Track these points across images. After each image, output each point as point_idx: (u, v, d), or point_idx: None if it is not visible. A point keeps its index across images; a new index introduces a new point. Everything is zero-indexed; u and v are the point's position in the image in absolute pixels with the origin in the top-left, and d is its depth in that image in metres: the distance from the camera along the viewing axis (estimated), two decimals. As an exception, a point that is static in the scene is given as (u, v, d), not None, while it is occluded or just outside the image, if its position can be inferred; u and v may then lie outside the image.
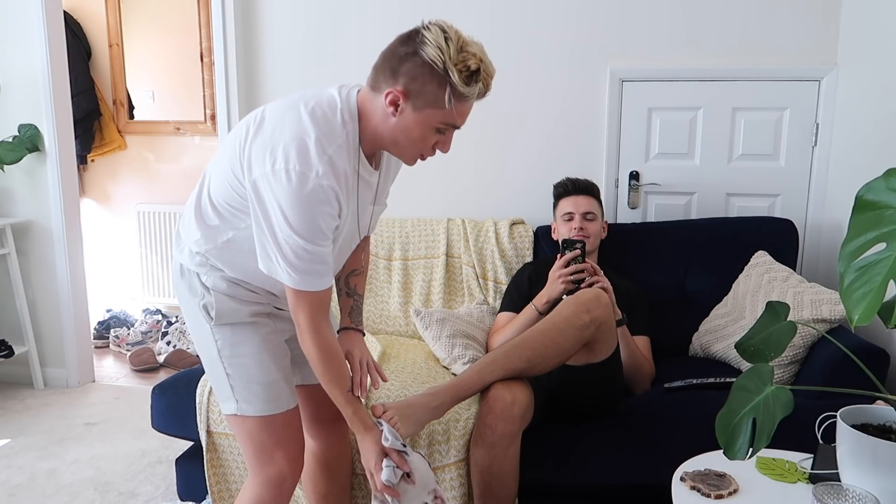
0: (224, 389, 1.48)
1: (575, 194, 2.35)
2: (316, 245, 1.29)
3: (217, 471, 1.98)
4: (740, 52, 2.67)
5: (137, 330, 3.88)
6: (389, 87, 1.30)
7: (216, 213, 1.41)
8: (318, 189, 1.26)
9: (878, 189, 1.05)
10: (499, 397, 1.66)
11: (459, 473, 1.78)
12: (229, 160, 1.36)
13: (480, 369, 1.71)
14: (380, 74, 1.32)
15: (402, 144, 1.36)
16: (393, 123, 1.33)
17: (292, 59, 3.00)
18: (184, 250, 1.47)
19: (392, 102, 1.30)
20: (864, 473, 1.13)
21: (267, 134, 1.30)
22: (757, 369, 1.20)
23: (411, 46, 1.28)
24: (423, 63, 1.27)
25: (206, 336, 1.47)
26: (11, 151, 3.04)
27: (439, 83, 1.28)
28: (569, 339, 1.71)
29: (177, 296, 1.52)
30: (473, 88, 1.30)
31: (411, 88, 1.29)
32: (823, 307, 1.98)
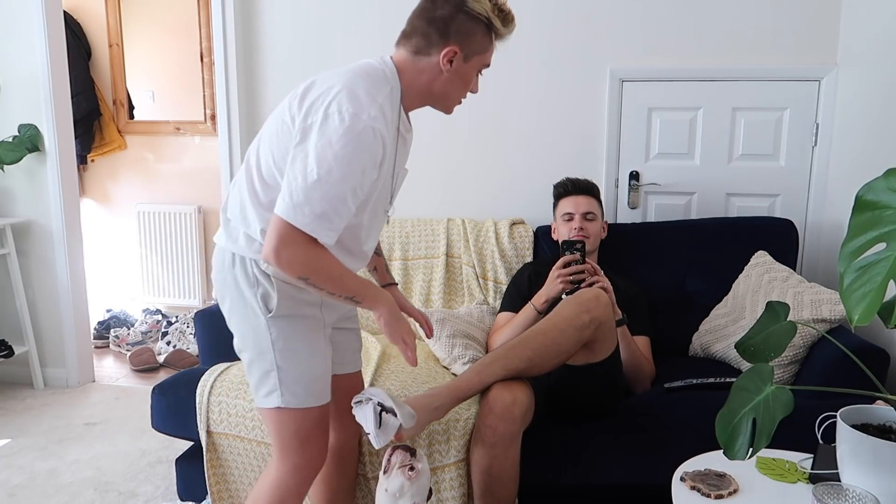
0: (270, 382, 1.47)
1: (575, 194, 2.35)
2: (339, 188, 1.30)
3: (217, 471, 1.98)
4: (740, 52, 2.67)
5: (137, 330, 3.88)
6: (443, 47, 1.43)
7: (272, 190, 1.41)
8: (368, 130, 1.32)
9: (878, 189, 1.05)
10: (499, 397, 1.66)
11: (459, 473, 1.78)
12: (277, 133, 1.39)
13: (480, 370, 1.70)
14: (427, 38, 1.44)
15: (451, 95, 1.50)
16: (445, 78, 1.46)
17: (292, 59, 3.00)
18: (238, 239, 1.45)
19: (449, 59, 1.44)
20: (864, 473, 1.13)
21: (317, 92, 1.36)
22: (757, 369, 1.20)
23: (450, 6, 1.43)
24: (470, 18, 1.43)
25: (259, 328, 1.45)
26: (11, 151, 3.04)
27: (484, 32, 1.45)
28: (569, 339, 1.71)
29: (220, 288, 1.49)
30: (511, 28, 1.48)
31: (464, 42, 1.44)
32: (823, 307, 1.98)
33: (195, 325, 2.24)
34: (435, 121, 2.92)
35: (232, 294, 1.47)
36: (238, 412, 1.92)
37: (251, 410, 1.91)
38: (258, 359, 1.47)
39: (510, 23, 1.48)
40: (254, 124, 3.08)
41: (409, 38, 1.49)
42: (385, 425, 1.45)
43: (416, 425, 1.56)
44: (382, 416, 1.45)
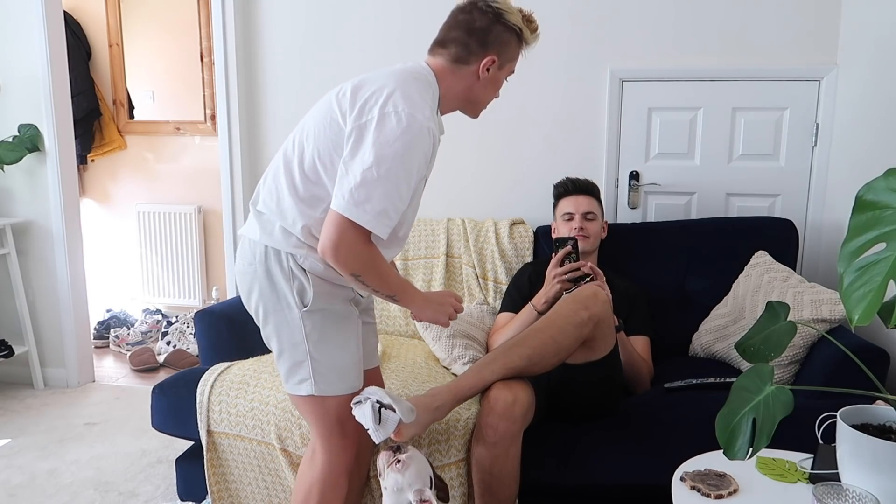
0: (302, 372, 1.51)
1: (575, 194, 2.35)
2: (397, 185, 1.37)
3: (217, 470, 1.98)
4: (740, 52, 2.67)
5: (137, 330, 3.88)
6: (483, 55, 1.54)
7: (313, 184, 1.45)
8: (422, 130, 1.39)
9: (878, 189, 1.05)
10: (500, 397, 1.65)
11: (459, 473, 1.78)
12: (323, 129, 1.44)
13: (480, 369, 1.70)
14: (467, 48, 1.53)
15: (483, 99, 1.62)
16: (481, 84, 1.57)
17: (292, 59, 3.00)
18: (273, 232, 1.47)
19: (486, 67, 1.54)
20: (864, 473, 1.13)
21: (369, 90, 1.42)
22: (757, 369, 1.20)
23: (487, 17, 1.53)
24: (506, 29, 1.54)
25: (293, 321, 1.48)
26: (11, 151, 3.04)
27: (517, 42, 1.57)
28: (568, 337, 1.71)
29: (248, 281, 1.50)
30: (536, 37, 1.61)
31: (500, 51, 1.55)
32: (823, 307, 1.98)
33: (195, 325, 2.24)
34: (435, 121, 2.92)
35: (264, 287, 1.49)
36: (239, 411, 1.92)
37: (252, 410, 1.91)
38: (291, 350, 1.51)
39: (536, 32, 1.60)
40: (254, 124, 3.08)
41: (445, 46, 1.56)
42: (384, 420, 1.46)
43: (418, 424, 1.55)
44: (381, 412, 1.46)
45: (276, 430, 1.87)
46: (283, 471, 1.89)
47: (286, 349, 1.51)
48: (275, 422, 1.87)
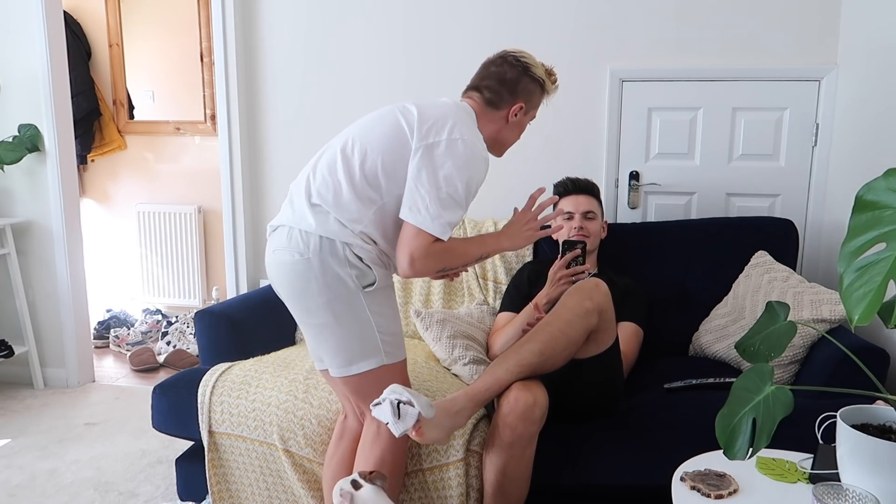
0: (372, 346, 1.62)
1: (575, 193, 2.35)
2: (461, 202, 1.59)
3: (217, 471, 1.98)
4: (740, 52, 2.67)
5: (137, 330, 3.88)
6: (513, 103, 1.77)
7: (370, 188, 1.60)
8: (479, 158, 1.63)
9: (878, 189, 1.04)
10: (521, 398, 1.65)
11: (458, 473, 1.78)
12: (390, 140, 1.61)
13: (494, 370, 1.70)
14: (500, 95, 1.76)
15: (508, 140, 1.83)
16: (508, 127, 1.80)
17: (292, 59, 3.00)
18: (328, 223, 1.58)
19: (515, 113, 1.78)
20: (864, 473, 1.13)
21: (433, 116, 1.63)
22: (757, 369, 1.20)
23: (516, 70, 1.77)
24: (532, 80, 1.78)
25: (356, 303, 1.60)
26: (11, 151, 3.04)
27: (540, 92, 1.82)
28: (576, 328, 1.72)
29: (302, 270, 1.58)
30: (556, 87, 1.86)
31: (527, 99, 1.79)
32: (823, 307, 1.98)
33: (195, 325, 2.25)
34: (435, 121, 2.92)
35: (320, 276, 1.58)
36: (240, 412, 1.92)
37: (254, 410, 1.91)
38: (357, 329, 1.61)
39: (555, 83, 1.85)
40: (254, 124, 3.08)
41: (479, 91, 1.78)
42: (404, 415, 1.49)
43: (439, 428, 1.57)
44: (400, 407, 1.49)
45: (278, 430, 1.87)
46: (284, 471, 1.89)
47: (352, 330, 1.61)
48: (277, 423, 1.88)
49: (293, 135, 3.06)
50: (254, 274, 3.17)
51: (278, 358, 2.13)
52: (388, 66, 2.93)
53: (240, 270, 3.14)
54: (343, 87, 2.99)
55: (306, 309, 1.62)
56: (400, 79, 2.93)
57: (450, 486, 1.78)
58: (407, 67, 2.91)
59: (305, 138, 3.05)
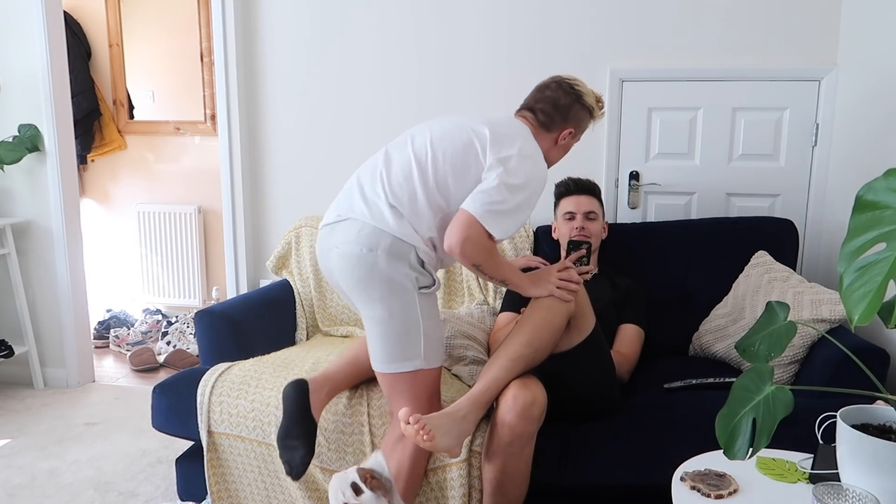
0: (414, 349, 1.70)
1: (577, 194, 2.35)
2: (524, 211, 1.72)
3: (217, 471, 1.98)
4: (740, 52, 2.67)
5: (137, 330, 3.88)
6: (564, 128, 1.93)
7: (440, 195, 1.73)
8: (543, 170, 1.79)
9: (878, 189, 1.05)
10: (519, 396, 1.66)
11: (461, 473, 1.78)
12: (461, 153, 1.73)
13: (489, 371, 1.71)
14: (552, 119, 1.91)
15: (554, 160, 1.98)
16: (556, 148, 1.95)
17: (292, 59, 3.00)
18: (402, 225, 1.69)
19: (565, 136, 1.94)
20: (864, 473, 1.13)
21: (504, 133, 1.76)
22: (757, 369, 1.20)
23: (570, 97, 1.92)
24: (583, 108, 1.94)
25: (410, 302, 1.69)
26: (11, 151, 3.04)
27: (588, 117, 1.97)
28: (557, 314, 1.75)
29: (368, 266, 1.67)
30: (603, 114, 2.02)
31: (576, 125, 1.94)
32: (823, 307, 1.98)
33: (195, 325, 2.24)
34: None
35: (384, 272, 1.67)
36: (240, 412, 1.92)
37: (253, 411, 1.91)
38: (406, 328, 1.69)
39: (602, 110, 2.01)
40: (254, 124, 3.08)
41: (532, 112, 1.93)
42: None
43: (450, 436, 1.58)
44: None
45: (276, 430, 1.87)
46: (282, 472, 1.89)
47: (400, 328, 1.69)
48: (276, 423, 1.88)
49: (293, 135, 3.06)
50: (254, 274, 3.17)
51: (278, 358, 2.13)
52: (389, 65, 2.93)
53: (240, 270, 3.14)
54: (343, 86, 2.99)
55: (366, 298, 1.70)
56: (401, 78, 2.93)
57: (452, 487, 1.78)
58: (407, 66, 2.91)
59: (306, 138, 3.05)
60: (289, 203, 3.10)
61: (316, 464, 1.85)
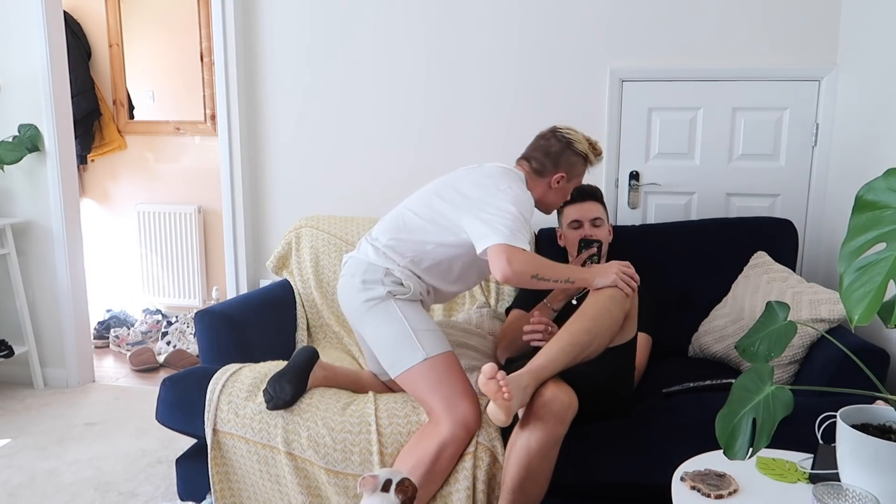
0: (410, 345, 1.86)
1: (580, 201, 2.33)
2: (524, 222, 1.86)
3: (220, 469, 1.97)
4: (740, 52, 2.67)
5: (137, 330, 3.88)
6: (555, 173, 2.07)
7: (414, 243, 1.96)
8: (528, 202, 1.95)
9: (878, 189, 1.05)
10: (557, 398, 1.66)
11: (464, 466, 1.78)
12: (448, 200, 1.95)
13: (549, 350, 1.73)
14: (543, 165, 2.08)
15: (553, 203, 2.14)
16: (553, 191, 2.10)
17: (292, 59, 3.00)
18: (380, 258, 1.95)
19: (557, 181, 2.08)
20: (864, 473, 1.13)
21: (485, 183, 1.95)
22: (757, 369, 1.20)
23: (561, 144, 2.08)
24: (575, 153, 2.08)
25: (390, 309, 1.90)
26: (11, 151, 3.04)
27: (582, 163, 2.10)
28: (617, 308, 1.80)
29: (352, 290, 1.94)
30: (600, 159, 2.15)
31: (568, 170, 2.08)
32: (822, 307, 1.98)
33: (195, 325, 2.24)
34: (437, 120, 2.92)
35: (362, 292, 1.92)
36: (247, 413, 1.92)
37: (259, 413, 1.91)
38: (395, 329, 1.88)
39: (599, 155, 2.12)
40: (254, 124, 3.08)
41: (528, 161, 2.10)
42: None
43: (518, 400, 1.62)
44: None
45: (282, 432, 1.87)
46: (284, 476, 1.89)
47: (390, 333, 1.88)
48: (282, 424, 1.88)
49: (293, 134, 3.06)
50: (254, 274, 3.17)
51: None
52: (389, 64, 2.93)
53: (240, 270, 3.14)
54: (343, 86, 2.99)
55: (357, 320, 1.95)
56: (402, 77, 2.93)
57: (457, 480, 1.79)
58: (409, 65, 2.91)
59: (306, 138, 3.05)
60: (289, 203, 3.10)
61: (321, 465, 1.85)
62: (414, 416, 1.89)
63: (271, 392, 1.89)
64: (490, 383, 1.58)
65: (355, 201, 3.02)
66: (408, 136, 2.96)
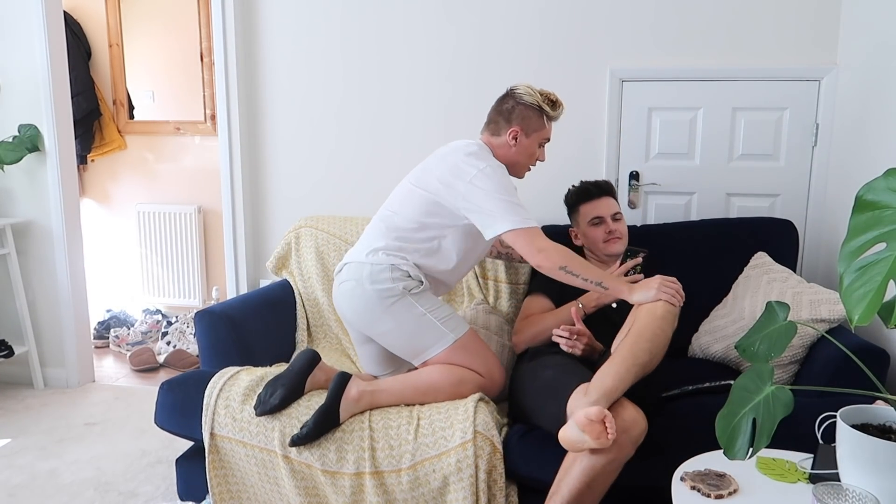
0: (436, 332, 1.98)
1: (598, 197, 2.31)
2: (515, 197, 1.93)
3: (218, 472, 1.97)
4: (740, 52, 2.67)
5: (137, 330, 3.88)
6: (509, 128, 2.08)
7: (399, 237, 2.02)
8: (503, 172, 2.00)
9: (878, 189, 1.05)
10: (637, 423, 1.66)
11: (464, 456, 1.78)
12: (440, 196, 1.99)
13: (617, 370, 1.70)
14: (497, 124, 2.11)
15: (521, 162, 2.12)
16: (514, 150, 2.09)
17: (292, 59, 3.00)
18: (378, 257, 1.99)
19: (513, 136, 2.08)
20: (864, 473, 1.13)
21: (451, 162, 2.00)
22: (757, 369, 1.20)
23: (512, 101, 2.09)
24: (526, 107, 2.07)
25: (408, 304, 1.97)
26: (11, 151, 3.04)
27: (538, 114, 2.08)
28: (669, 323, 1.80)
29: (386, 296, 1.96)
30: (558, 111, 2.11)
31: (522, 124, 2.08)
32: (822, 307, 1.98)
33: (195, 325, 2.24)
34: (436, 120, 2.92)
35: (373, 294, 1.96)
36: (244, 417, 1.92)
37: (256, 416, 1.91)
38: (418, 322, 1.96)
39: (558, 107, 2.09)
40: (254, 124, 3.08)
41: (487, 125, 2.15)
42: None
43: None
44: None
45: (279, 435, 1.87)
46: (282, 479, 1.89)
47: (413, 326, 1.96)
48: (279, 428, 1.88)
49: (293, 134, 3.06)
50: (254, 274, 3.17)
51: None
52: (389, 63, 2.93)
53: (240, 270, 3.14)
54: (344, 86, 2.99)
55: (370, 323, 2.00)
56: (402, 77, 2.93)
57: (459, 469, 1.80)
58: (409, 64, 2.91)
59: (306, 138, 3.05)
60: (289, 203, 3.10)
61: (318, 466, 1.85)
62: (405, 411, 1.91)
63: (262, 397, 1.90)
64: (595, 426, 1.55)
65: (355, 201, 3.03)
66: (408, 135, 2.96)
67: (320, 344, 2.58)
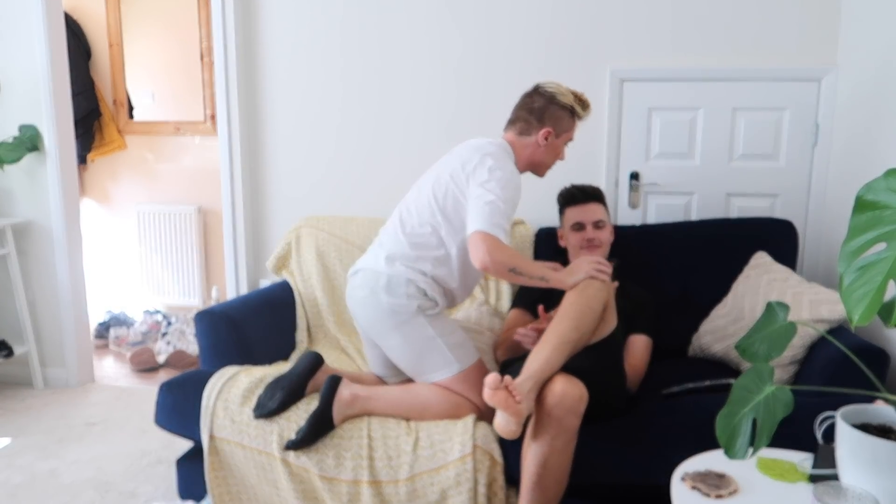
0: (443, 358, 1.93)
1: (583, 202, 2.32)
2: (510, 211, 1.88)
3: (218, 473, 1.96)
4: (740, 52, 2.67)
5: (137, 330, 3.88)
6: (541, 128, 2.05)
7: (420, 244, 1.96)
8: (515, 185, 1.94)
9: (878, 189, 1.05)
10: (569, 391, 1.67)
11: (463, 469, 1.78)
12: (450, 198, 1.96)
13: (542, 352, 1.74)
14: (528, 123, 2.06)
15: (547, 162, 2.11)
16: (543, 150, 2.08)
17: (292, 59, 3.00)
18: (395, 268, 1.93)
19: (545, 137, 2.05)
20: (864, 473, 1.13)
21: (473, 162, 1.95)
22: (757, 369, 1.20)
23: (544, 98, 2.05)
24: (560, 107, 2.05)
25: (420, 325, 1.92)
26: (11, 151, 3.04)
27: (569, 116, 2.07)
28: (597, 301, 1.83)
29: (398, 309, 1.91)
30: (588, 111, 2.10)
31: (555, 124, 2.05)
32: (822, 307, 1.98)
33: (195, 325, 2.24)
34: (437, 119, 2.92)
35: (386, 307, 1.92)
36: (243, 419, 1.91)
37: (255, 419, 1.91)
38: (426, 344, 1.92)
39: (588, 108, 2.08)
40: (254, 124, 3.08)
41: (514, 123, 2.09)
42: None
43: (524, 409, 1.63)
44: None
45: (277, 439, 1.87)
46: (281, 481, 1.88)
47: (420, 347, 1.92)
48: (277, 431, 1.87)
49: (293, 134, 3.06)
50: (254, 274, 3.17)
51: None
52: (390, 63, 2.93)
53: (240, 270, 3.14)
54: (344, 86, 2.98)
55: (380, 334, 1.96)
56: (402, 77, 2.93)
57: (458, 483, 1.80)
58: (410, 65, 2.91)
59: (306, 138, 3.05)
60: (289, 203, 3.10)
61: (315, 472, 1.85)
62: (404, 423, 1.91)
63: (260, 399, 1.90)
64: (498, 393, 1.58)
65: (356, 201, 3.02)
66: (409, 135, 2.96)
67: (320, 344, 2.58)
